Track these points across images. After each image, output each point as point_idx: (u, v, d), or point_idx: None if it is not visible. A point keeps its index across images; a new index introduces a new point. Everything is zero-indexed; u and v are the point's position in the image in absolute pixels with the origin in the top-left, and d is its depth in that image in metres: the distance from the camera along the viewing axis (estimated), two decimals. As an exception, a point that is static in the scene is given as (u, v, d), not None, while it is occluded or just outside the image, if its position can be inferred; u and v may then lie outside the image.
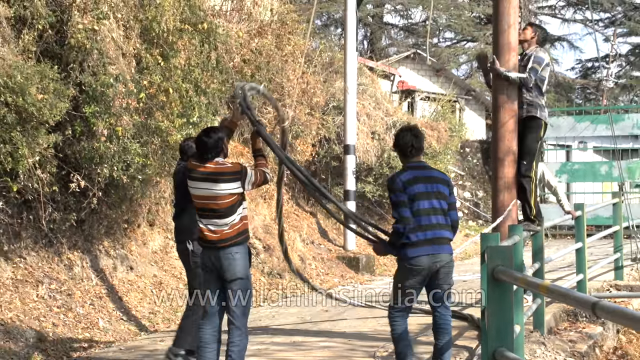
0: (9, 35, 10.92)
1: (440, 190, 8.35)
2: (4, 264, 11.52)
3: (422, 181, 8.32)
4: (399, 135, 8.64)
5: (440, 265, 8.25)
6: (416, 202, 8.23)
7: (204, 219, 8.51)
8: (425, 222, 8.23)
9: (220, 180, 8.41)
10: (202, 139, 8.55)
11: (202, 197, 8.50)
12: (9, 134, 10.39)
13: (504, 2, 10.93)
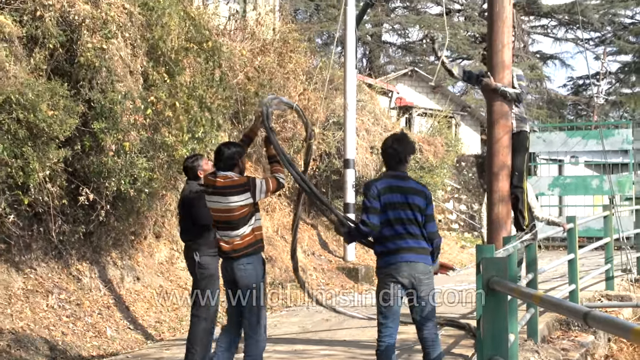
0: (21, 54, 10.94)
1: (415, 202, 8.15)
2: (15, 274, 11.54)
3: (397, 191, 8.16)
4: (384, 144, 8.50)
5: (419, 276, 8.06)
6: (390, 211, 8.11)
7: (219, 230, 8.63)
8: (401, 230, 8.10)
9: (229, 193, 8.46)
10: (221, 148, 8.71)
11: (216, 210, 8.59)
12: (20, 149, 10.41)
13: (498, 22, 10.94)
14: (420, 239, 8.15)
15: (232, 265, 8.55)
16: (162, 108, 12.69)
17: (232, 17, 21.02)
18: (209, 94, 13.91)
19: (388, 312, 8.16)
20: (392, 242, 8.11)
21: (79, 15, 11.69)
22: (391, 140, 8.45)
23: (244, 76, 18.28)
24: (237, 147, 8.80)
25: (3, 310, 10.87)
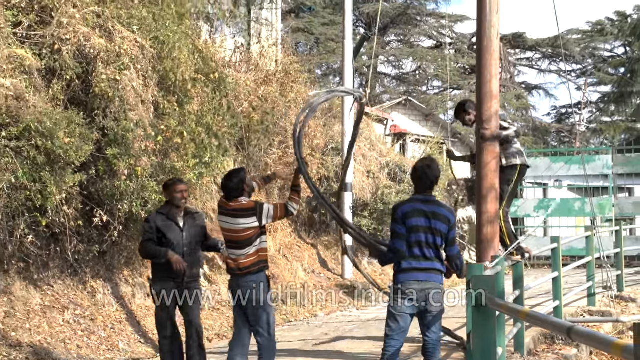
0: (40, 85, 10.96)
1: (437, 227, 8.16)
2: (33, 291, 11.52)
3: (421, 215, 8.16)
4: (415, 168, 8.49)
5: (429, 291, 8.08)
6: (412, 234, 8.13)
7: (229, 249, 8.87)
8: (417, 252, 8.12)
9: (238, 216, 8.73)
10: (225, 182, 8.88)
11: (226, 230, 8.86)
12: (39, 174, 10.41)
13: (486, 55, 10.97)
14: (435, 261, 8.20)
15: (238, 281, 8.77)
16: (171, 135, 12.72)
17: (238, 50, 21.07)
18: (215, 121, 13.93)
19: (396, 326, 8.21)
20: (407, 261, 8.16)
21: (94, 49, 11.73)
22: (422, 165, 8.46)
23: (248, 105, 18.30)
24: (237, 177, 8.88)
25: (22, 325, 10.85)
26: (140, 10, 13.00)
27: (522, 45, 58.79)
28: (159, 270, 9.30)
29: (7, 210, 10.51)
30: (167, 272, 9.13)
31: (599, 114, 63.19)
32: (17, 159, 10.10)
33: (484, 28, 11.00)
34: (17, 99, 10.17)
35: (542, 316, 7.30)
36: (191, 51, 13.65)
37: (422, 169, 8.37)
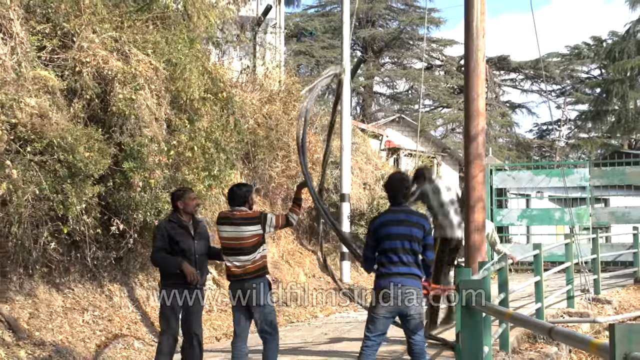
0: (62, 104, 10.98)
1: (413, 233, 8.13)
2: (55, 294, 11.52)
3: (395, 224, 8.15)
4: (388, 181, 8.53)
5: (406, 296, 8.00)
6: (387, 241, 8.12)
7: (231, 256, 8.80)
8: (395, 259, 8.09)
9: (243, 224, 8.76)
10: (233, 189, 9.03)
11: (228, 239, 8.82)
12: (61, 186, 10.42)
13: (473, 76, 11.00)
14: (412, 266, 8.12)
15: (243, 285, 8.75)
16: (183, 150, 12.72)
17: (244, 72, 21.12)
18: (223, 137, 13.94)
19: (374, 328, 8.19)
20: (386, 267, 8.12)
21: (112, 71, 11.75)
22: (394, 178, 8.54)
23: (253, 122, 18.34)
24: (246, 187, 9.10)
25: (45, 325, 10.85)
26: (155, 35, 13.04)
27: (506, 67, 58.99)
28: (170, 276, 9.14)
29: (32, 219, 10.51)
30: (178, 278, 9.02)
31: (577, 130, 63.50)
32: (41, 172, 10.10)
33: (471, 51, 11.03)
34: (41, 116, 10.18)
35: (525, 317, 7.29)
36: (201, 72, 13.66)
37: (394, 182, 8.43)
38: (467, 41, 11.08)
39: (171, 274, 9.06)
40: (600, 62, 61.84)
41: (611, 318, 15.37)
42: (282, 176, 19.27)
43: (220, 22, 16.35)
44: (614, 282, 20.40)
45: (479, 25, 10.96)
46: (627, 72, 57.16)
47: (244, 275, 8.73)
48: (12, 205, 9.87)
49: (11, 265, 10.87)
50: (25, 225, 10.42)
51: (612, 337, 4.51)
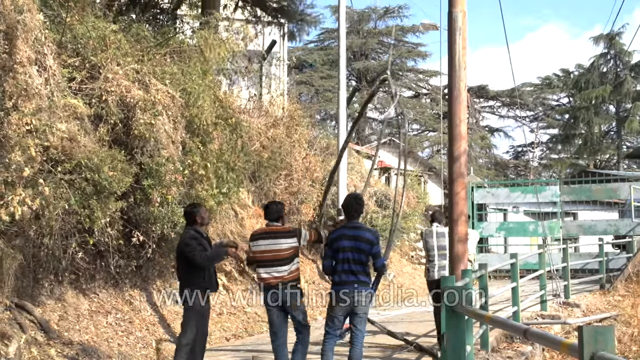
0: (89, 128, 11.00)
1: (360, 246, 8.54)
2: (82, 298, 11.51)
3: (347, 238, 8.59)
4: (345, 201, 9.06)
5: (355, 299, 8.49)
6: (340, 252, 8.56)
7: (268, 267, 8.78)
8: (346, 268, 8.54)
9: (281, 237, 8.80)
10: (270, 205, 9.13)
11: (265, 252, 8.82)
12: (87, 202, 10.43)
13: (456, 103, 11.00)
14: (360, 274, 8.59)
15: (284, 291, 8.74)
16: (196, 169, 12.73)
17: (251, 99, 21.16)
18: (232, 158, 13.97)
19: (332, 324, 8.67)
20: (338, 275, 8.61)
21: (134, 99, 11.78)
22: (350, 199, 9.05)
23: (259, 144, 18.36)
24: (280, 204, 9.18)
25: (73, 326, 10.83)
26: (172, 67, 13.09)
27: (485, 95, 59.14)
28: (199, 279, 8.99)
29: (62, 231, 10.51)
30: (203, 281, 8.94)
31: (548, 152, 63.79)
32: (70, 190, 10.11)
33: (454, 81, 11.04)
34: (71, 140, 10.20)
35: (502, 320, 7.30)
36: (213, 100, 13.70)
37: (349, 202, 8.96)
38: (451, 72, 11.09)
39: (199, 278, 8.92)
40: (569, 91, 62.21)
41: (580, 320, 15.35)
42: (285, 193, 19.30)
43: (230, 56, 16.38)
44: (582, 288, 20.39)
45: (460, 59, 10.98)
46: (592, 100, 57.91)
47: (282, 284, 8.72)
48: (45, 219, 9.88)
49: (43, 272, 10.87)
50: (55, 236, 10.42)
51: (580, 337, 4.52)
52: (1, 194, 8.95)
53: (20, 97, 8.98)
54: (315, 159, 21.64)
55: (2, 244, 9.63)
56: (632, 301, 17.33)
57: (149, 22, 17.12)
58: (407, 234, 27.78)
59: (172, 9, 19.24)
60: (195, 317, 8.89)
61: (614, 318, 16.18)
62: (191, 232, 9.03)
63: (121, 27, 13.00)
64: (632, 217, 23.11)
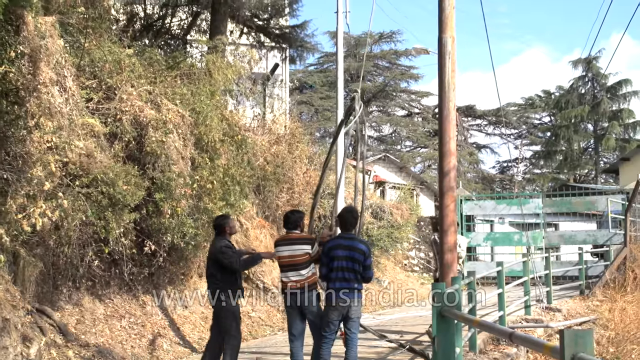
0: (105, 146, 11.01)
1: (354, 256, 8.57)
2: (98, 303, 11.50)
3: (342, 248, 8.60)
4: (341, 212, 9.10)
5: (348, 304, 8.52)
6: (335, 261, 8.57)
7: (289, 272, 8.83)
8: (340, 276, 8.55)
9: (298, 243, 8.85)
10: (289, 215, 9.12)
11: (285, 257, 8.86)
12: (103, 213, 10.43)
13: (445, 122, 11.02)
14: (352, 282, 8.61)
15: (302, 295, 8.77)
16: (204, 183, 12.74)
17: (255, 118, 21.19)
18: (238, 172, 13.97)
19: (329, 329, 8.63)
20: (332, 282, 8.61)
21: (147, 118, 11.81)
22: (345, 212, 9.09)
23: (263, 160, 18.37)
24: (299, 213, 9.21)
25: (89, 329, 10.81)
26: (182, 88, 13.12)
27: (473, 115, 59.26)
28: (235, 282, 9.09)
29: (79, 241, 10.52)
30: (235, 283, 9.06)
31: (532, 167, 63.93)
32: (87, 202, 10.12)
33: (444, 102, 11.07)
34: (88, 156, 10.22)
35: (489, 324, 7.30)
36: (220, 119, 13.73)
37: (344, 215, 8.97)
38: (441, 93, 11.12)
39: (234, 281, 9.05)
40: (550, 110, 62.47)
41: (561, 324, 15.31)
42: (286, 205, 19.27)
43: (236, 78, 16.42)
44: (563, 294, 20.34)
45: (450, 81, 11.01)
46: (572, 119, 58.56)
47: (300, 288, 8.74)
48: (64, 229, 9.89)
49: (62, 279, 10.87)
50: (73, 246, 10.43)
51: (562, 340, 4.52)
52: (24, 206, 8.96)
53: (42, 116, 8.99)
54: (315, 173, 21.62)
55: (24, 253, 9.63)
56: (610, 306, 17.28)
57: (161, 47, 17.19)
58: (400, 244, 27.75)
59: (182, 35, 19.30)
60: (233, 315, 9.04)
61: (592, 322, 16.13)
62: (224, 241, 9.17)
63: (135, 51, 13.06)
64: (609, 227, 23.06)
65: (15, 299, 9.28)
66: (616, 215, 23.19)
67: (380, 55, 53.89)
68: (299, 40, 20.69)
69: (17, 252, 9.51)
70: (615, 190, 27.92)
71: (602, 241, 23.09)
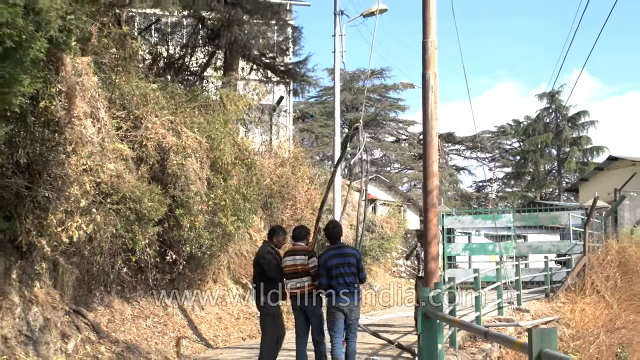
0: (132, 168, 11.05)
1: (350, 261, 8.57)
2: (126, 305, 11.48)
3: (337, 256, 8.57)
4: (326, 227, 8.98)
5: (349, 306, 8.50)
6: (334, 269, 8.50)
7: (293, 279, 8.76)
8: (341, 281, 8.51)
9: (300, 253, 8.81)
10: (297, 229, 9.11)
11: (289, 266, 8.80)
12: (131, 227, 10.45)
13: (429, 147, 11.06)
14: (352, 286, 8.58)
15: (305, 300, 8.72)
16: (218, 200, 12.75)
17: (263, 143, 21.26)
18: (248, 191, 13.98)
19: (335, 328, 8.59)
20: (334, 288, 8.52)
21: (168, 144, 11.84)
22: (330, 226, 8.99)
23: (270, 180, 18.40)
24: (304, 229, 9.15)
25: (119, 327, 10.80)
26: (199, 118, 13.17)
27: (452, 140, 59.36)
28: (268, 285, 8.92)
29: (110, 251, 10.53)
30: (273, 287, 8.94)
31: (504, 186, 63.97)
32: (117, 217, 10.14)
33: (427, 129, 11.11)
34: (118, 177, 10.25)
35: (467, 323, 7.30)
36: (232, 144, 13.77)
37: (330, 229, 8.89)
38: (425, 122, 11.17)
39: (273, 284, 8.92)
40: (519, 137, 62.64)
41: (529, 323, 15.29)
42: (290, 220, 19.29)
43: (246, 109, 16.48)
44: (531, 296, 20.29)
45: (433, 112, 11.06)
46: (538, 145, 59.11)
47: (301, 295, 8.69)
48: (96, 241, 9.90)
49: (95, 284, 10.87)
50: (105, 255, 10.44)
51: (530, 337, 4.53)
52: (62, 221, 8.98)
53: (78, 143, 9.04)
54: (315, 192, 21.67)
55: (63, 261, 9.65)
56: (571, 307, 17.27)
57: (181, 82, 17.24)
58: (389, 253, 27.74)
59: (199, 72, 19.38)
60: (269, 315, 8.90)
61: (556, 321, 16.11)
62: (268, 247, 9.12)
63: (159, 86, 13.12)
64: (571, 239, 23.05)
65: (55, 301, 9.30)
66: (576, 228, 23.18)
67: (372, 89, 54.10)
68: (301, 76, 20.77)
69: (57, 261, 9.53)
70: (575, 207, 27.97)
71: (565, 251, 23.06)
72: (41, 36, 6.16)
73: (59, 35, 6.65)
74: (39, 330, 8.68)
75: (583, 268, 19.57)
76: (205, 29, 18.87)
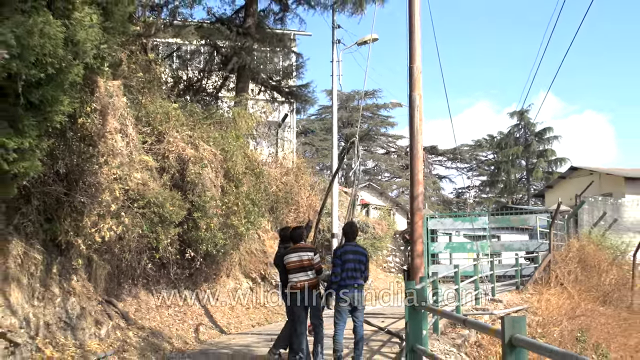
0: (156, 177, 11.07)
1: (360, 259, 8.49)
2: (151, 296, 11.47)
3: (351, 253, 8.46)
4: (345, 227, 8.87)
5: (356, 298, 8.41)
6: (347, 263, 8.40)
7: (297, 274, 8.61)
8: (351, 275, 8.41)
9: (305, 250, 8.69)
10: (293, 231, 8.95)
11: (294, 262, 8.65)
12: (155, 228, 10.47)
13: (415, 159, 11.10)
14: (359, 279, 8.50)
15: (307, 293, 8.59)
16: (231, 205, 12.77)
17: (270, 155, 21.28)
18: (257, 197, 14.00)
19: (340, 317, 8.48)
20: (344, 281, 8.41)
21: (187, 155, 11.87)
22: (348, 226, 8.89)
23: (276, 187, 18.44)
24: (300, 228, 9.01)
25: (144, 316, 10.79)
26: (214, 133, 13.20)
27: (435, 152, 59.37)
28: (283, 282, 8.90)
29: (137, 249, 10.54)
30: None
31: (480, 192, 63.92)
32: (142, 219, 10.16)
33: (414, 143, 11.15)
34: (143, 184, 10.27)
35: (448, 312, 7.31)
36: (243, 156, 13.79)
37: (348, 228, 8.79)
38: (411, 137, 11.21)
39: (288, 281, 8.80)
40: (493, 150, 62.73)
41: (502, 312, 15.24)
42: (294, 222, 19.31)
43: (255, 125, 16.53)
44: (504, 289, 20.25)
45: (418, 128, 11.10)
46: (509, 156, 59.50)
47: (303, 288, 8.56)
48: (125, 240, 9.92)
49: (124, 278, 10.87)
50: (132, 253, 10.45)
51: (503, 324, 4.55)
52: (95, 223, 9.01)
53: (109, 155, 9.07)
54: (315, 197, 21.70)
55: (96, 258, 9.66)
56: (538, 297, 17.26)
57: (198, 101, 17.31)
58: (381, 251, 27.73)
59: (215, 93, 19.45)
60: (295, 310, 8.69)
61: (525, 310, 16.08)
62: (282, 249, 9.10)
63: (179, 105, 13.16)
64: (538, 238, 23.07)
65: (90, 292, 9.32)
66: (543, 229, 23.19)
67: (365, 107, 54.17)
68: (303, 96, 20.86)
69: (91, 257, 9.54)
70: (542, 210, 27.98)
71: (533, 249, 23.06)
72: (78, 63, 6.21)
73: (93, 62, 6.70)
74: (76, 318, 8.69)
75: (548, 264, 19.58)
76: (220, 55, 18.97)
